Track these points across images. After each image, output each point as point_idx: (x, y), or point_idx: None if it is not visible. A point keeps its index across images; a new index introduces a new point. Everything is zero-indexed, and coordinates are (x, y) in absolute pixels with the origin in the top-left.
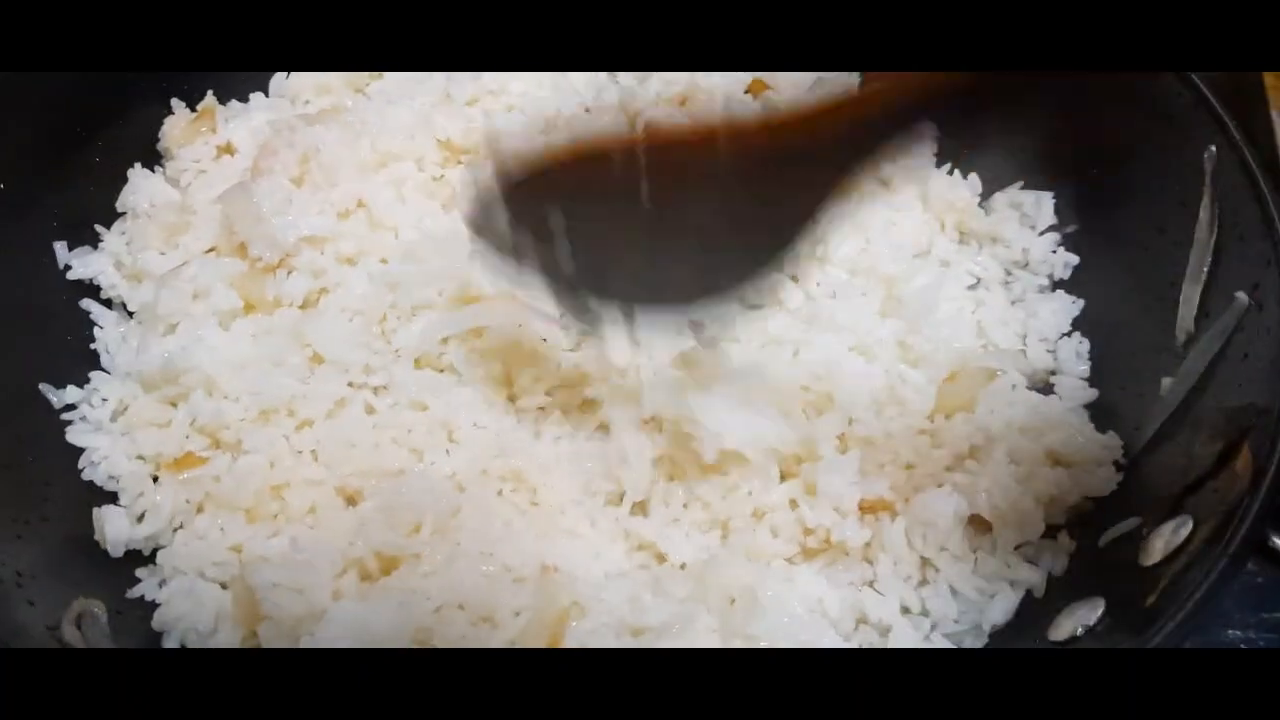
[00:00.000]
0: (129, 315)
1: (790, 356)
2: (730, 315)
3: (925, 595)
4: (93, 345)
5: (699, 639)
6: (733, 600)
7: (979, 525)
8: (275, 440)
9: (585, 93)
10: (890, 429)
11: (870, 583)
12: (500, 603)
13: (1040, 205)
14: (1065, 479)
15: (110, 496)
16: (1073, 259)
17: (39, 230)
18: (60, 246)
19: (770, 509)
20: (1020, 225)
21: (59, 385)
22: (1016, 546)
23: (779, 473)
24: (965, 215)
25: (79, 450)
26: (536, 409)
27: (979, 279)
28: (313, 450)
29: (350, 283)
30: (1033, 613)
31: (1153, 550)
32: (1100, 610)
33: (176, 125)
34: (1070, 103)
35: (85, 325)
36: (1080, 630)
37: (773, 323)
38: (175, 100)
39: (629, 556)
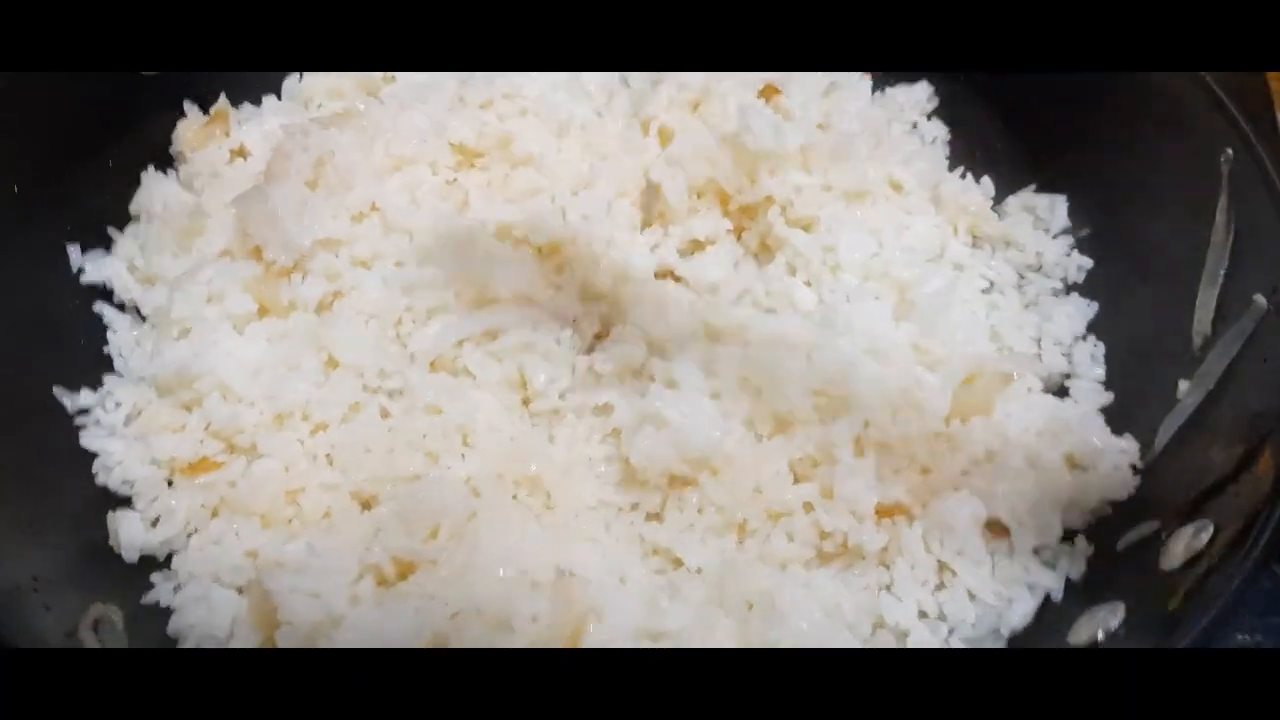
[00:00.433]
0: (142, 319)
1: (805, 360)
2: None
3: (943, 599)
4: (106, 349)
5: (717, 644)
6: (751, 605)
7: (996, 529)
8: (290, 445)
9: (598, 97)
10: (906, 432)
11: (887, 586)
12: (517, 608)
13: (1054, 208)
14: (1082, 482)
15: (125, 501)
16: (1087, 262)
17: (52, 234)
18: (74, 250)
19: (786, 512)
20: (1034, 228)
21: (73, 389)
22: (1034, 550)
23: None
24: (978, 219)
25: (93, 455)
26: (551, 412)
27: (992, 282)
28: (328, 454)
29: (365, 286)
30: (1051, 617)
31: (1173, 554)
32: (1121, 615)
33: (190, 129)
34: (1084, 105)
35: (99, 329)
36: (1101, 634)
37: (787, 326)
38: (188, 103)
39: (645, 561)
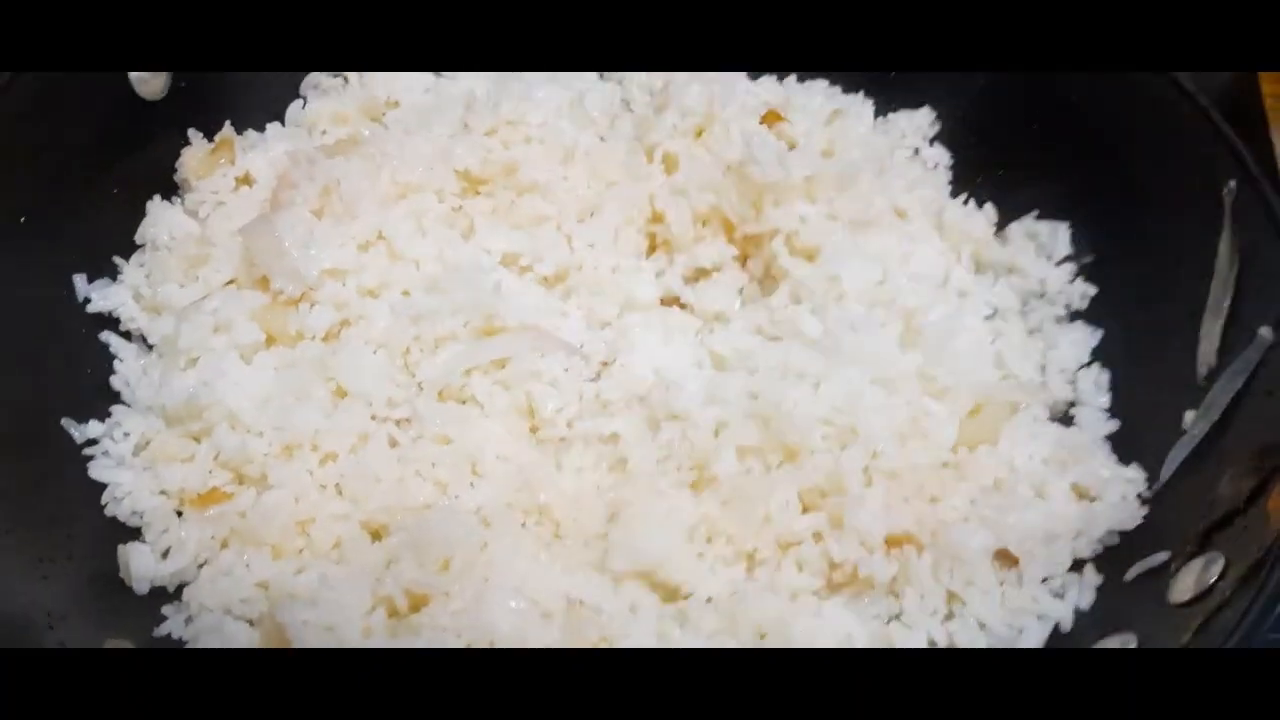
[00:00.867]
0: (149, 348)
1: (812, 390)
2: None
3: (952, 629)
4: (113, 379)
5: None
6: (763, 634)
7: (1005, 559)
8: (300, 475)
9: (601, 121)
10: (914, 462)
11: (897, 616)
12: (529, 639)
13: (1056, 235)
14: (1090, 512)
15: (134, 533)
16: (1090, 289)
17: (58, 263)
18: (80, 279)
19: (796, 541)
20: (1037, 255)
21: (80, 420)
22: (1043, 580)
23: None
24: (981, 245)
25: (102, 486)
26: (558, 440)
27: (996, 309)
28: (337, 484)
29: (373, 315)
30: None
31: (1182, 587)
32: (1133, 647)
33: (195, 156)
34: (1086, 132)
35: (105, 358)
36: None
37: (793, 356)
38: (192, 131)
39: (654, 589)
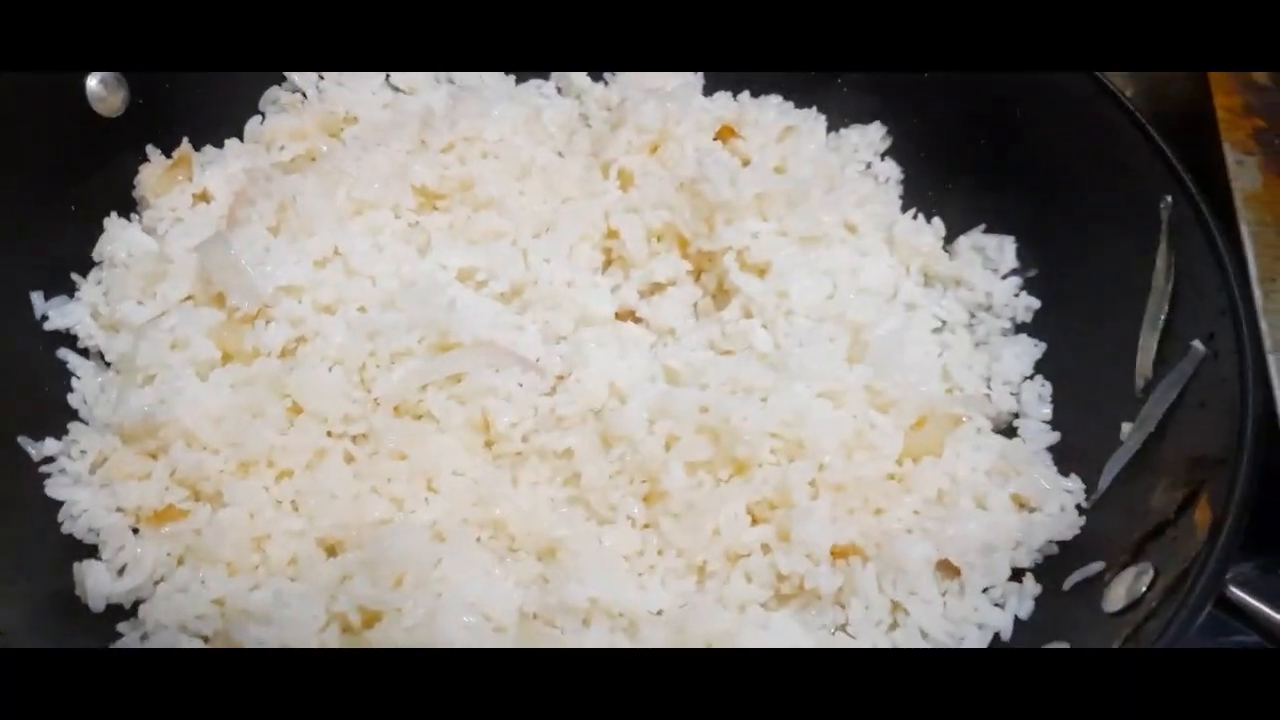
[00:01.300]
0: (107, 366)
1: (761, 404)
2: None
3: (896, 639)
4: (70, 396)
5: None
6: (711, 647)
7: (947, 569)
8: (255, 492)
9: (559, 137)
10: (860, 474)
11: (843, 626)
12: None
13: (1003, 249)
14: (1030, 523)
15: (91, 550)
16: (1034, 302)
17: (15, 280)
18: (37, 297)
19: (745, 554)
20: (983, 268)
21: (37, 438)
22: (984, 590)
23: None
24: (930, 259)
25: (58, 504)
26: (514, 455)
27: (944, 322)
28: (293, 501)
29: (329, 332)
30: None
31: (1114, 597)
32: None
33: (153, 173)
34: (1030, 146)
35: (63, 376)
36: None
37: (743, 370)
38: (150, 147)
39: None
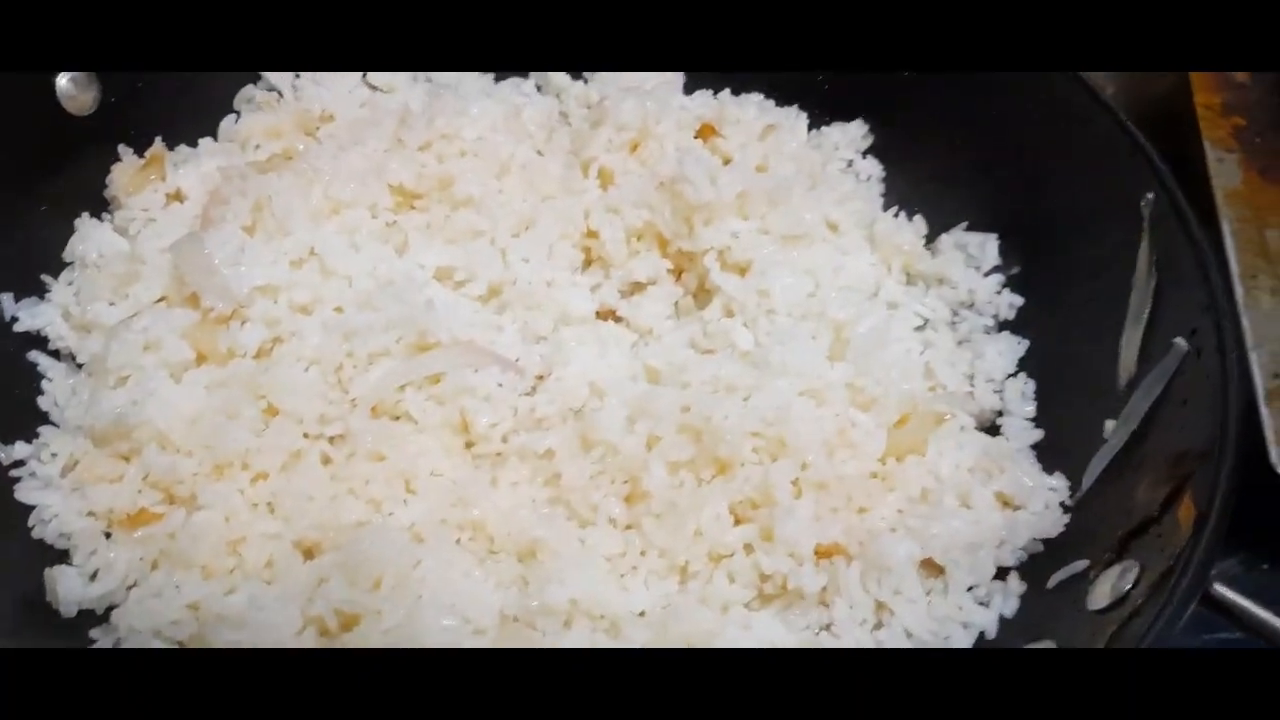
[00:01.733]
0: (78, 367)
1: (741, 403)
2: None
3: (881, 638)
4: (41, 399)
5: None
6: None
7: (931, 568)
8: (230, 494)
9: (538, 135)
10: (843, 473)
11: (827, 626)
12: None
13: (985, 247)
14: (1014, 521)
15: (62, 555)
16: (1017, 300)
17: None
18: (7, 298)
19: (727, 554)
20: (966, 266)
21: (7, 441)
22: (969, 589)
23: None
24: (912, 257)
25: (29, 508)
26: (494, 455)
27: (927, 320)
28: (269, 503)
29: (305, 332)
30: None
31: (1099, 595)
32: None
33: (125, 173)
34: (1012, 142)
35: (33, 378)
36: None
37: (724, 369)
38: (122, 147)
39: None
